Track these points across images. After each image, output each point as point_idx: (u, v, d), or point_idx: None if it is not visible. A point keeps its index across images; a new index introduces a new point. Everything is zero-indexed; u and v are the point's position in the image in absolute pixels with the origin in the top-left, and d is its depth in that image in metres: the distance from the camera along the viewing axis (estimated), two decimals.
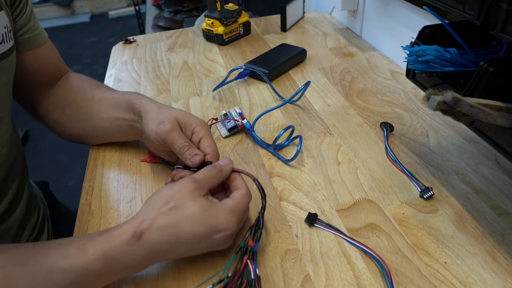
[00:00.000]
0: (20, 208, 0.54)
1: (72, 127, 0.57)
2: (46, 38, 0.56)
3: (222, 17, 0.90)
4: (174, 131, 0.45)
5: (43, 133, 2.06)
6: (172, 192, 0.37)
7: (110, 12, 4.03)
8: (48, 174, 1.84)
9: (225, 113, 0.62)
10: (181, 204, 0.36)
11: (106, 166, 0.56)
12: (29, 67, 0.54)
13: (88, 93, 0.56)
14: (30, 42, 0.53)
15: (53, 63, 0.58)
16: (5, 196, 0.50)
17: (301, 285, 0.38)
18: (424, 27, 0.42)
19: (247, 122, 0.59)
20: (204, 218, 0.36)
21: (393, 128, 0.57)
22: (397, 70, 0.75)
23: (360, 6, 0.90)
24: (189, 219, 0.36)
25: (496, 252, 0.39)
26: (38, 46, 0.54)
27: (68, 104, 0.56)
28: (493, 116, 0.32)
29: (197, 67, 0.82)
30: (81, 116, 0.55)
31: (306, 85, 0.61)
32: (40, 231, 0.59)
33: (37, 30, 0.54)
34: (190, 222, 0.36)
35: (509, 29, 0.29)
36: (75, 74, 0.61)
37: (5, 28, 0.46)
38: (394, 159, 0.52)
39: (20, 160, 0.55)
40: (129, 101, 0.51)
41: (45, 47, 0.55)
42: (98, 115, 0.54)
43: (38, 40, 0.54)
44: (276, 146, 0.55)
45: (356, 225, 0.44)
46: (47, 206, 0.65)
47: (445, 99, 0.30)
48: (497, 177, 0.48)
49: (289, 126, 0.55)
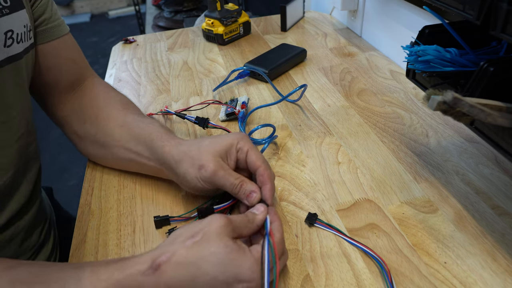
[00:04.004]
0: (32, 212, 0.53)
1: (92, 146, 0.53)
2: (64, 32, 0.53)
3: (222, 17, 0.90)
4: (219, 171, 0.41)
5: (43, 133, 2.06)
6: (201, 225, 0.34)
7: (110, 12, 4.03)
8: (48, 174, 1.84)
9: (232, 99, 0.64)
10: (207, 240, 0.33)
11: (106, 167, 0.55)
12: (44, 62, 0.51)
13: (113, 113, 0.52)
14: (45, 35, 0.50)
15: (71, 59, 0.54)
16: (14, 196, 0.49)
17: (301, 285, 0.38)
18: (424, 27, 0.42)
19: (242, 112, 0.61)
20: (227, 262, 0.32)
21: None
22: (397, 70, 0.75)
23: (360, 6, 0.90)
24: (210, 258, 0.32)
25: (496, 252, 0.39)
26: (54, 39, 0.51)
27: (89, 119, 0.53)
28: (493, 116, 0.31)
29: (197, 67, 0.82)
30: (102, 139, 0.51)
31: (301, 87, 0.62)
32: (46, 237, 0.58)
33: (54, 22, 0.51)
34: (211, 263, 0.32)
35: (509, 29, 0.29)
36: (102, 82, 0.58)
37: (24, 27, 0.45)
38: None
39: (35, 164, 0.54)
40: (153, 140, 0.46)
41: (62, 41, 0.52)
42: (119, 143, 0.50)
43: (54, 33, 0.51)
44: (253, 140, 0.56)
45: (356, 225, 0.44)
46: (53, 212, 0.65)
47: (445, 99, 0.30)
48: (497, 177, 0.48)
49: (269, 124, 0.56)
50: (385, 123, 0.60)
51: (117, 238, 0.45)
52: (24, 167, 0.51)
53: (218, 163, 0.41)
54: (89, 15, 4.03)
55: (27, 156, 0.51)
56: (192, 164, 0.42)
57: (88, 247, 0.44)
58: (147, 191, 0.51)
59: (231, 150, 0.43)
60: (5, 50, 0.43)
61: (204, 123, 0.56)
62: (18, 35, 0.44)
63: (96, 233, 0.45)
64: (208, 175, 0.41)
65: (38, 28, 0.49)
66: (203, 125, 0.56)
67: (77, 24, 3.82)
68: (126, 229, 0.46)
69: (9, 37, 0.43)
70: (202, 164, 0.41)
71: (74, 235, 0.46)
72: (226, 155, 0.43)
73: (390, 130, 0.59)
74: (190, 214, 0.46)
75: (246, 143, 0.43)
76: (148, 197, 0.50)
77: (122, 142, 0.49)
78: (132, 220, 0.47)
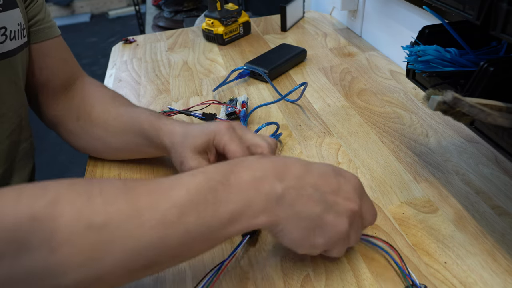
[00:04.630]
0: None
1: (88, 141, 0.54)
2: (57, 34, 0.54)
3: (222, 17, 0.90)
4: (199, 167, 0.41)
5: (43, 133, 2.06)
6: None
7: (110, 12, 4.03)
8: (48, 174, 1.84)
9: (232, 99, 0.64)
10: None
11: (106, 166, 0.55)
12: (37, 61, 0.52)
13: (105, 107, 0.53)
14: (39, 34, 0.51)
15: (63, 60, 0.56)
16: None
17: (301, 285, 0.38)
18: (424, 27, 0.42)
19: (243, 111, 0.61)
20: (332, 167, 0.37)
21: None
22: (397, 70, 0.75)
23: (360, 6, 0.90)
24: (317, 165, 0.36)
25: (496, 252, 0.39)
26: (47, 39, 0.52)
27: (83, 116, 0.54)
28: (493, 116, 0.32)
29: (197, 67, 0.82)
30: (98, 133, 0.53)
31: (302, 85, 0.62)
32: None
33: (47, 23, 0.52)
34: (318, 164, 0.36)
35: (509, 29, 0.29)
36: (92, 81, 0.59)
37: (18, 26, 0.46)
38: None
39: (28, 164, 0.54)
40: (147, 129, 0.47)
41: (54, 42, 0.54)
42: (117, 136, 0.51)
43: (47, 34, 0.52)
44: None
45: None
46: None
47: (445, 99, 0.30)
48: (497, 177, 0.48)
49: (273, 122, 0.56)
50: (385, 123, 0.60)
51: None
52: (16, 165, 0.51)
53: (195, 161, 0.42)
54: (89, 15, 4.03)
55: (19, 154, 0.52)
56: (177, 157, 0.43)
57: None
58: None
59: (209, 145, 0.43)
60: None
61: (211, 120, 0.57)
62: (12, 32, 0.45)
63: None
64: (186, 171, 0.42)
65: (32, 28, 0.51)
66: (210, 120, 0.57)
67: (77, 24, 3.82)
68: None
69: (2, 34, 0.44)
70: (182, 161, 0.42)
71: None
72: (206, 150, 0.43)
73: (390, 130, 0.59)
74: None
75: (222, 137, 0.42)
76: None
77: (120, 134, 0.51)
78: None
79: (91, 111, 0.53)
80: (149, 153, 0.51)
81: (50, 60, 0.54)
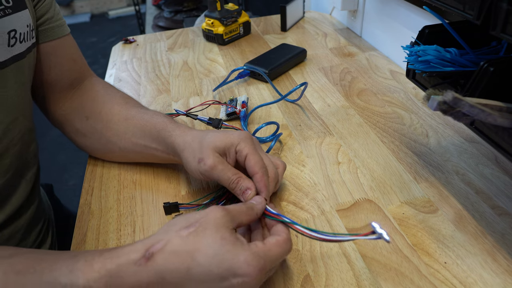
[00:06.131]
0: (30, 211, 0.53)
1: (97, 142, 0.54)
2: (66, 33, 0.54)
3: (222, 17, 0.90)
4: (218, 166, 0.41)
5: (43, 133, 2.06)
6: (198, 216, 0.34)
7: (110, 12, 4.03)
8: (48, 174, 1.84)
9: (231, 99, 0.64)
10: (203, 230, 0.32)
11: (106, 166, 0.55)
12: (45, 60, 0.51)
13: (115, 107, 0.53)
14: (47, 34, 0.51)
15: (72, 59, 0.55)
16: (13, 197, 0.49)
17: (301, 285, 0.38)
18: (424, 27, 0.42)
19: (243, 111, 0.61)
20: (222, 254, 0.31)
21: None
22: (397, 70, 0.75)
23: (360, 6, 0.90)
24: (205, 249, 0.31)
25: (496, 252, 0.39)
26: (56, 38, 0.52)
27: (93, 115, 0.53)
28: (493, 116, 0.31)
29: (197, 67, 0.82)
30: (108, 134, 0.52)
31: (302, 85, 0.62)
32: (45, 235, 0.58)
33: (56, 22, 0.52)
34: (205, 254, 0.31)
35: (509, 29, 0.29)
36: (101, 81, 0.58)
37: (27, 27, 0.45)
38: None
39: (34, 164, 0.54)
40: (159, 131, 0.48)
41: (63, 41, 0.53)
42: (125, 136, 0.51)
43: (55, 33, 0.52)
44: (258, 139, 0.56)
45: (356, 225, 0.44)
46: (52, 210, 0.65)
47: (445, 99, 0.30)
48: (497, 177, 0.48)
49: (273, 122, 0.56)
50: (385, 123, 0.60)
51: (117, 238, 0.45)
52: (23, 167, 0.51)
53: (217, 158, 0.42)
54: (89, 15, 4.03)
55: (27, 156, 0.51)
56: (193, 156, 0.43)
57: (88, 247, 0.44)
58: (147, 191, 0.51)
59: (230, 149, 0.43)
60: (9, 50, 0.43)
61: (218, 124, 0.56)
62: (21, 34, 0.45)
63: (96, 233, 0.45)
64: (206, 169, 0.41)
65: (41, 27, 0.50)
66: (217, 125, 0.56)
67: (77, 24, 3.82)
68: (126, 229, 0.46)
69: (12, 37, 0.43)
70: (202, 158, 0.42)
71: (74, 235, 0.46)
72: (225, 153, 0.43)
73: (390, 130, 0.59)
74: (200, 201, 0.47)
75: (247, 146, 0.42)
76: (148, 197, 0.50)
77: (129, 135, 0.50)
78: (132, 220, 0.47)
79: (101, 110, 0.53)
80: (155, 156, 0.50)
81: (59, 59, 0.53)
